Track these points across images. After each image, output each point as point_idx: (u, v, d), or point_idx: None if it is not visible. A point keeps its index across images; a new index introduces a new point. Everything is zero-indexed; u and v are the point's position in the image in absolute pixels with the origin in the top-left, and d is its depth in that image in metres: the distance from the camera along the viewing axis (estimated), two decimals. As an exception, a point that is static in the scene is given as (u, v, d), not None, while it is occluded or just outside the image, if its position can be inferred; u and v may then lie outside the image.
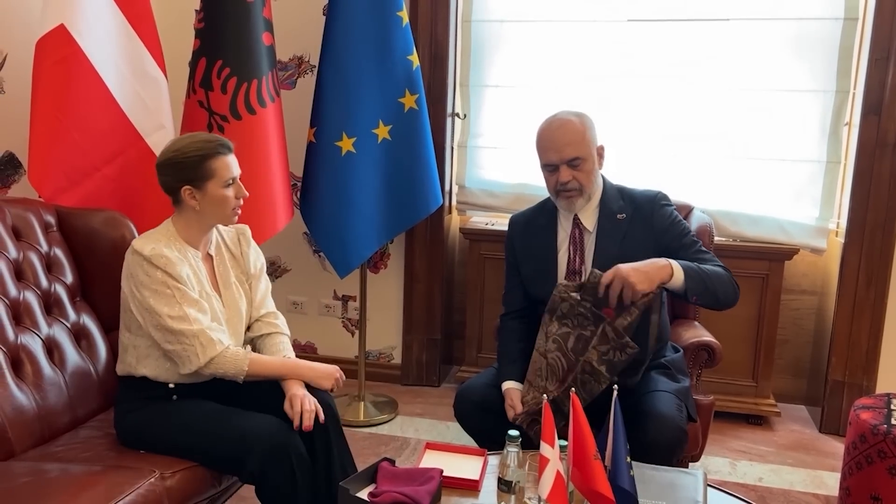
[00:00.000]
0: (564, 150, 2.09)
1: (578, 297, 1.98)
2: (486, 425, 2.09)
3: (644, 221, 2.14)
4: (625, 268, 1.92)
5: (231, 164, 1.93)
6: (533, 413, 1.98)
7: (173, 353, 1.89)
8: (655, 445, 1.88)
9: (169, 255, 1.87)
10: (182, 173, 1.90)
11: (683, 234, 2.15)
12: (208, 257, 2.02)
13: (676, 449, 1.97)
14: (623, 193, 2.20)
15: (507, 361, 2.19)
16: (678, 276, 1.97)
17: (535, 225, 2.26)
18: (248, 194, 1.98)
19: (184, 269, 1.90)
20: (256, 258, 2.13)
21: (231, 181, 1.93)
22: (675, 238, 2.13)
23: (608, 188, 2.20)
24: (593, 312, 1.96)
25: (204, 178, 1.90)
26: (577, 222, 2.18)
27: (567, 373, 1.97)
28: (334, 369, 2.01)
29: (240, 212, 1.98)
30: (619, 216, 2.16)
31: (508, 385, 2.11)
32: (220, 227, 2.07)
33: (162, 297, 1.86)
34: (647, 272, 1.93)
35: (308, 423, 1.85)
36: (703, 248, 2.16)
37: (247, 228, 2.14)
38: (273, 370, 1.96)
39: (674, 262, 1.99)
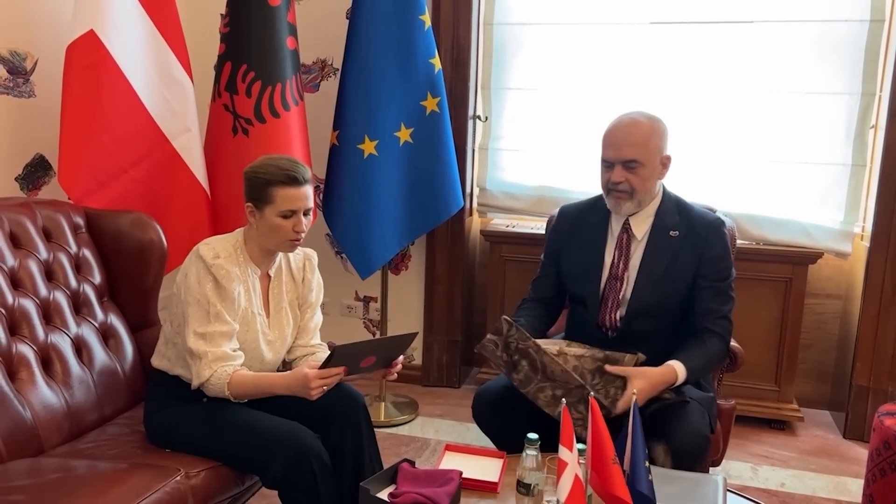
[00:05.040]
0: (623, 149, 2.04)
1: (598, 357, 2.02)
2: (502, 427, 2.09)
3: (695, 245, 2.07)
4: (642, 387, 1.90)
5: (295, 197, 1.89)
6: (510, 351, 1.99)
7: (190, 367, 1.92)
8: (679, 453, 1.88)
9: (228, 269, 1.88)
10: (249, 190, 1.93)
11: (720, 278, 2.08)
12: (266, 277, 2.02)
13: (699, 457, 1.96)
14: (681, 208, 2.13)
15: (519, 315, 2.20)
16: (680, 379, 1.98)
17: (585, 221, 2.21)
18: (305, 231, 1.95)
19: (237, 286, 1.91)
20: (319, 290, 2.12)
21: (289, 213, 1.90)
22: (710, 277, 2.07)
23: (666, 200, 2.14)
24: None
25: (264, 201, 1.90)
26: (626, 227, 2.13)
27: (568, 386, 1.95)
28: (304, 378, 1.80)
29: (298, 244, 1.96)
30: (672, 232, 2.09)
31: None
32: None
33: (200, 310, 1.87)
34: (654, 388, 1.94)
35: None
36: (727, 291, 2.10)
37: (314, 255, 2.13)
38: (252, 389, 1.89)
39: (679, 368, 1.97)
